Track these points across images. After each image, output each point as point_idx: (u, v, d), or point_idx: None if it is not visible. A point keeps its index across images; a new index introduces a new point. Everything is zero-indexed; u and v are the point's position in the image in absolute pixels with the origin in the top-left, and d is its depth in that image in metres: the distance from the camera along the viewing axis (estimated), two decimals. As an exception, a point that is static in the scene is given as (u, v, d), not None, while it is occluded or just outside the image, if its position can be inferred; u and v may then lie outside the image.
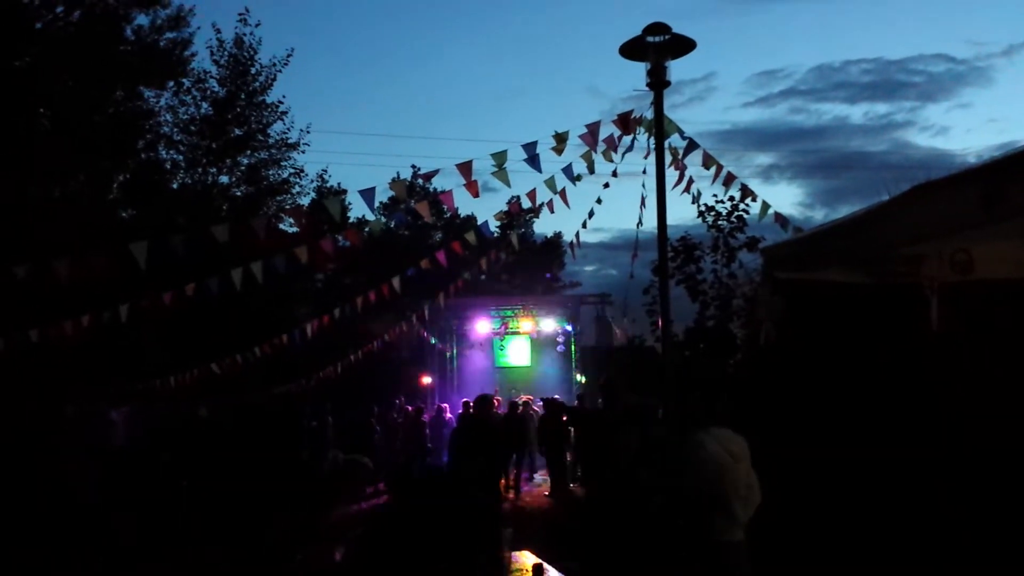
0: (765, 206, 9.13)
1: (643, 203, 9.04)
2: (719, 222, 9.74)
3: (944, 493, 4.60)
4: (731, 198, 9.64)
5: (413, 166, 34.63)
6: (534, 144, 7.66)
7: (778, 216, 9.19)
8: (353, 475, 6.64)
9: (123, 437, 13.30)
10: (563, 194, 8.59)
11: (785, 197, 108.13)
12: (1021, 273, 4.28)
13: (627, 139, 8.22)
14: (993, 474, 4.53)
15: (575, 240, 10.76)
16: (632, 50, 7.26)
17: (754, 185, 10.41)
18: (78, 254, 7.46)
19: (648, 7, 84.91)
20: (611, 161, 8.58)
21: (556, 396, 17.83)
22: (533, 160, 7.66)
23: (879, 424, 5.06)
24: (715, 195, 9.83)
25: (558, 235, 36.04)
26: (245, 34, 23.64)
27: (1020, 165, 3.55)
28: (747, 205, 9.62)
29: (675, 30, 7.17)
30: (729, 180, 9.02)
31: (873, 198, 4.62)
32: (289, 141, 24.68)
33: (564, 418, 14.50)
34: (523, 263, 32.28)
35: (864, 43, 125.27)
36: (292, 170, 25.18)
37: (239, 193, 24.78)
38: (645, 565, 6.66)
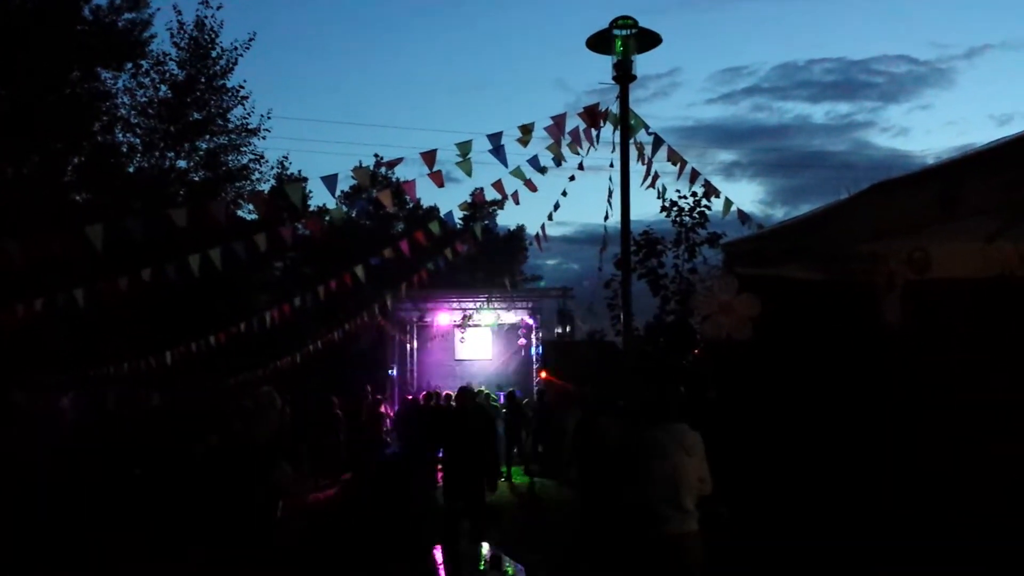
0: (728, 203, 9.22)
1: (610, 197, 9.06)
2: (682, 217, 9.81)
3: (893, 484, 4.69)
4: (694, 194, 9.72)
5: (376, 155, 34.35)
6: (499, 135, 7.63)
7: (740, 213, 9.28)
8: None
9: (72, 424, 12.97)
10: (530, 184, 8.54)
11: (746, 194, 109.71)
12: (977, 273, 4.36)
13: (595, 132, 8.22)
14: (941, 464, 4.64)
15: (541, 232, 10.73)
16: (599, 43, 7.30)
17: (716, 182, 10.49)
18: (31, 236, 7.25)
19: (615, 1, 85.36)
20: (577, 154, 8.58)
21: (515, 390, 17.86)
22: (498, 151, 7.62)
23: (833, 421, 5.12)
24: (678, 190, 9.90)
25: (521, 228, 36.05)
26: (206, 17, 23.18)
27: (977, 166, 3.62)
28: (709, 203, 9.71)
29: (641, 24, 7.22)
30: (694, 177, 9.09)
31: (833, 197, 4.67)
32: (249, 126, 24.24)
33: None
34: (486, 256, 32.19)
35: (827, 42, 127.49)
36: (252, 156, 24.75)
37: (197, 178, 24.31)
38: (603, 558, 6.70)
